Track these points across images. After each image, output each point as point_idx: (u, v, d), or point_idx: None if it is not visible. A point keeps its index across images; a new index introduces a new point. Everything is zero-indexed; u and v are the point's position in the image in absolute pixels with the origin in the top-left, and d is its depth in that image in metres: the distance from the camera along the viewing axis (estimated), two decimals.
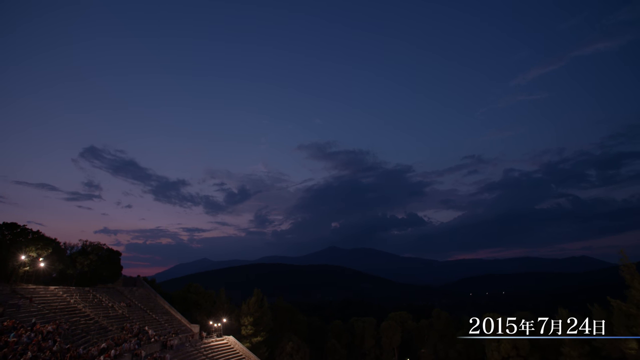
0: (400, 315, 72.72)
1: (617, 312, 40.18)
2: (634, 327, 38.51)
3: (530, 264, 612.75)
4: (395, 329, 67.02)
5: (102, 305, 38.12)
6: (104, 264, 43.30)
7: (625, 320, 39.26)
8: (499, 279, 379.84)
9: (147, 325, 37.82)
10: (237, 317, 57.65)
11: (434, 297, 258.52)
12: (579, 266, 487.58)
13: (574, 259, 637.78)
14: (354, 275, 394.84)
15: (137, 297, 45.89)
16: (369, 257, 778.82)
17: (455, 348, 64.22)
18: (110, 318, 35.60)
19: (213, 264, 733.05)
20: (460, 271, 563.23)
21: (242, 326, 56.56)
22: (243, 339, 52.78)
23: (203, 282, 69.63)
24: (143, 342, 32.59)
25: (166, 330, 40.18)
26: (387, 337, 66.84)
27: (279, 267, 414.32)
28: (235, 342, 47.26)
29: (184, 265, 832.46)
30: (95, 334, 30.33)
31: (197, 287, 59.63)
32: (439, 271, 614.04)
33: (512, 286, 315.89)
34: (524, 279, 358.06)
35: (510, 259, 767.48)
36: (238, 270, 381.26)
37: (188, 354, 37.81)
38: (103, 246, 44.92)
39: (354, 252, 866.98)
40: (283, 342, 59.59)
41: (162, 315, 44.44)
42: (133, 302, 43.16)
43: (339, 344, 69.41)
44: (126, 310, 39.34)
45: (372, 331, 69.35)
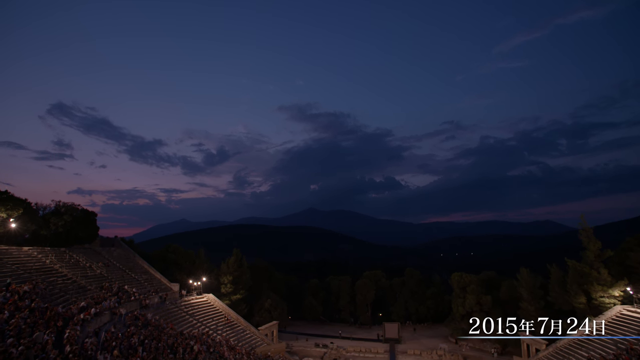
0: (374, 274, 76.28)
1: (572, 271, 43.70)
2: (585, 284, 42.16)
3: (498, 227, 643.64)
4: (369, 286, 70.53)
5: (80, 265, 38.02)
6: (80, 224, 42.58)
7: (578, 278, 42.83)
8: (469, 241, 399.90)
9: (126, 284, 38.23)
10: (217, 276, 58.98)
11: (407, 257, 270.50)
12: (543, 230, 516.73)
13: (539, 223, 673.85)
14: (332, 236, 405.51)
15: (115, 257, 45.88)
16: (346, 219, 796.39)
17: (425, 304, 68.56)
18: (88, 278, 35.69)
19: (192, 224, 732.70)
20: (433, 233, 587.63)
21: (222, 285, 58.05)
22: (223, 297, 54.41)
23: (182, 242, 69.92)
24: (123, 301, 33.12)
25: (146, 289, 40.80)
26: (361, 294, 70.40)
27: (258, 228, 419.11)
28: (215, 299, 48.66)
29: (162, 226, 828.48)
30: (74, 293, 30.49)
31: (176, 247, 59.99)
32: (414, 233, 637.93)
33: (482, 248, 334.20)
34: (492, 241, 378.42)
35: (480, 222, 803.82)
36: (217, 231, 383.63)
37: (169, 311, 38.83)
38: (77, 207, 43.94)
39: (332, 214, 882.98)
40: (262, 300, 61.88)
41: (141, 274, 44.87)
42: (111, 262, 43.21)
43: (316, 301, 72.74)
44: (104, 270, 39.45)
45: (348, 289, 72.73)
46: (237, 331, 44.38)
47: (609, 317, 37.03)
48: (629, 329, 33.71)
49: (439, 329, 63.05)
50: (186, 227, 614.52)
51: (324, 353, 50.70)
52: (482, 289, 54.61)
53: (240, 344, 40.93)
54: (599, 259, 41.74)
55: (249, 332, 45.89)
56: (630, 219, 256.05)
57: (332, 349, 51.62)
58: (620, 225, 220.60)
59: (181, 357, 27.11)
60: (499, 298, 54.77)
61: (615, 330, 34.72)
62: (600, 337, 35.14)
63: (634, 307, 36.33)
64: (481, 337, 54.81)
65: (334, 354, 50.06)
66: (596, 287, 41.02)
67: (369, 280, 72.52)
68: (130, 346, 23.63)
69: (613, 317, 36.78)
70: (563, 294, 44.96)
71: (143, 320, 30.94)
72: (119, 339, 23.72)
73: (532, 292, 48.31)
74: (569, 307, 45.07)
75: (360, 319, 71.11)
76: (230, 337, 41.30)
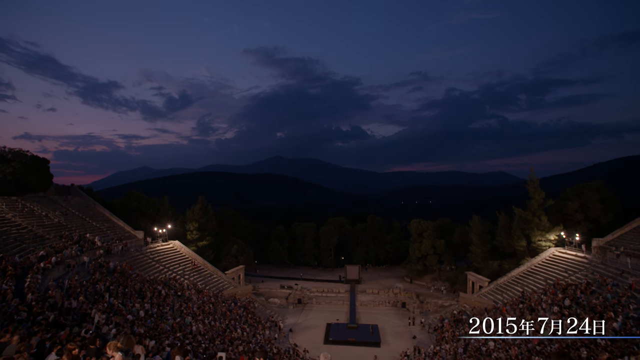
0: (338, 220, 79.40)
1: (517, 218, 47.84)
2: (527, 230, 46.60)
3: (457, 177, 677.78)
4: (333, 232, 73.65)
5: (35, 214, 36.49)
6: (31, 172, 39.97)
7: (522, 224, 47.07)
8: (429, 190, 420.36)
9: (87, 232, 37.43)
10: (182, 224, 58.88)
11: (370, 205, 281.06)
12: (496, 180, 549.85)
13: (493, 174, 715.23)
14: (298, 184, 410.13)
15: (73, 205, 44.24)
16: (312, 167, 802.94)
17: (384, 248, 73.01)
18: (45, 227, 34.51)
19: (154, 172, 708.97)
20: (395, 182, 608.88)
21: (188, 232, 58.24)
22: (189, 243, 54.88)
23: (144, 190, 68.02)
24: (85, 249, 32.65)
25: (109, 237, 40.24)
26: (325, 239, 73.58)
27: (223, 176, 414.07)
28: (181, 246, 49.09)
29: (123, 174, 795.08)
30: (31, 242, 29.57)
31: (138, 194, 58.48)
32: (377, 182, 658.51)
33: (439, 197, 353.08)
34: (450, 190, 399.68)
35: (440, 172, 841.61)
36: (181, 178, 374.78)
37: (134, 258, 38.91)
38: (27, 153, 40.92)
39: (298, 161, 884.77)
40: (228, 245, 63.15)
41: (103, 222, 43.93)
42: (69, 211, 41.74)
43: (281, 246, 75.29)
44: (63, 219, 38.18)
45: (312, 234, 75.55)
46: (204, 275, 45.64)
47: (543, 258, 41.66)
48: (558, 267, 38.29)
49: (396, 270, 68.17)
50: (148, 174, 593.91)
51: (288, 294, 53.80)
52: (437, 234, 58.83)
53: (208, 288, 42.38)
54: (541, 207, 45.86)
55: (216, 276, 47.36)
56: (573, 171, 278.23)
57: (297, 290, 54.78)
58: (564, 177, 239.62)
59: (149, 302, 27.84)
60: (452, 242, 59.51)
61: (547, 269, 39.32)
62: (533, 274, 39.77)
63: (565, 249, 40.96)
64: (432, 276, 60.31)
65: (298, 294, 53.26)
66: (536, 232, 45.52)
67: (332, 226, 75.57)
68: (96, 292, 23.85)
69: (547, 258, 41.42)
70: (507, 238, 49.56)
71: (107, 267, 30.95)
72: (83, 286, 23.79)
73: (481, 236, 52.77)
74: (512, 249, 50.06)
75: (324, 262, 75.00)
76: (198, 281, 42.53)
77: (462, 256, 61.69)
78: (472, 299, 42.34)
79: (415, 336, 38.72)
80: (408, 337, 38.95)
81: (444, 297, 51.17)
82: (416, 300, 50.12)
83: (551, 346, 22.02)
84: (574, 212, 45.88)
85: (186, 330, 25.50)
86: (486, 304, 38.54)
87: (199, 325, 28.44)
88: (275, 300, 52.00)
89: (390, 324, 43.20)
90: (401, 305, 49.46)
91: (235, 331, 31.49)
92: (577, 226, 44.57)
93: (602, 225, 44.16)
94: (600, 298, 26.50)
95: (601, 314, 23.93)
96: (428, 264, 58.36)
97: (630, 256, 32.06)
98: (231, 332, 30.48)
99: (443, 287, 55.08)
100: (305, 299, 52.40)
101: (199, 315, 31.37)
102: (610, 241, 37.55)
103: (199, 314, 31.61)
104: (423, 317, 44.77)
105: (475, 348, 27.12)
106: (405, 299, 50.78)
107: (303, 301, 51.92)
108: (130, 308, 24.18)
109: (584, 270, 34.62)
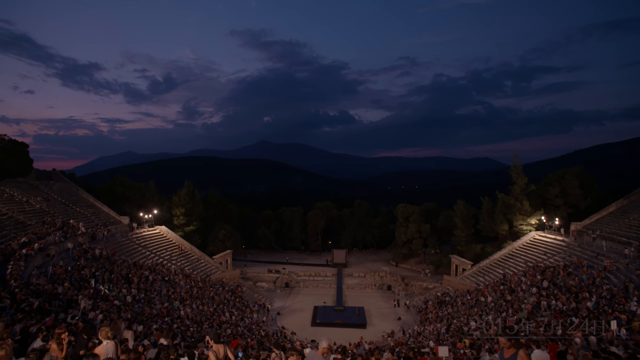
0: (325, 205, 79.86)
1: (500, 202, 48.98)
2: (509, 214, 47.83)
3: (443, 162, 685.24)
4: (320, 217, 74.17)
5: (15, 200, 35.55)
6: (9, 156, 38.74)
7: (504, 208, 48.26)
8: (415, 175, 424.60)
9: (71, 218, 36.77)
10: (169, 209, 58.30)
11: (357, 190, 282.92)
12: (481, 166, 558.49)
13: (478, 160, 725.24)
14: (285, 169, 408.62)
15: (55, 191, 43.22)
16: (299, 152, 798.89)
17: (371, 232, 74.05)
18: (27, 213, 33.72)
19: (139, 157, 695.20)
20: (382, 167, 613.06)
21: (174, 217, 57.77)
22: (176, 229, 54.50)
23: (129, 175, 66.80)
24: (69, 235, 32.14)
25: (93, 222, 39.64)
26: (312, 224, 74.08)
27: (209, 160, 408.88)
28: (167, 231, 48.75)
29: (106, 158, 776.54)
30: (12, 228, 28.90)
31: (123, 180, 57.42)
32: (364, 167, 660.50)
33: (426, 182, 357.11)
34: (436, 175, 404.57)
35: (427, 157, 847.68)
36: (167, 163, 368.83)
37: (120, 244, 38.52)
38: (4, 137, 39.58)
39: (285, 146, 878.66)
40: (215, 230, 63.04)
41: (87, 208, 43.14)
42: (52, 197, 40.78)
43: (269, 231, 75.55)
44: (45, 205, 37.33)
45: (299, 219, 75.92)
46: (191, 260, 45.61)
47: (524, 241, 42.99)
48: (538, 250, 39.61)
49: (382, 254, 69.38)
50: (133, 159, 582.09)
51: (276, 278, 54.34)
52: (423, 218, 59.90)
53: (195, 272, 42.44)
54: (523, 193, 47.06)
55: (204, 261, 47.39)
56: (556, 157, 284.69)
57: (284, 274, 55.36)
58: (547, 163, 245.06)
59: (136, 287, 27.79)
60: (437, 226, 60.72)
61: (527, 252, 40.64)
62: (514, 257, 41.08)
63: (545, 232, 42.31)
64: (417, 259, 61.64)
65: (285, 278, 53.85)
66: (518, 217, 46.82)
67: (320, 211, 76.06)
68: (82, 278, 23.66)
69: (527, 241, 42.75)
70: (490, 222, 50.80)
71: (93, 253, 30.60)
72: (68, 272, 23.54)
73: (465, 221, 53.94)
74: (494, 233, 51.40)
75: (311, 246, 75.70)
76: (185, 266, 42.50)
77: (446, 240, 63.11)
78: (455, 282, 43.59)
79: (400, 317, 39.81)
80: (393, 318, 40.02)
81: (429, 279, 52.50)
82: (401, 283, 51.30)
83: (529, 325, 22.98)
84: (555, 197, 47.25)
85: (174, 315, 25.64)
86: (469, 285, 39.76)
87: (187, 310, 28.61)
88: (263, 284, 52.50)
89: (376, 306, 44.23)
90: (387, 288, 50.58)
91: (223, 315, 31.80)
92: (557, 211, 45.96)
93: (581, 209, 45.67)
94: (577, 279, 27.65)
95: (577, 294, 25.01)
96: (413, 247, 59.54)
97: (605, 239, 33.38)
98: (219, 316, 30.77)
99: (427, 269, 56.42)
100: (293, 283, 53.05)
101: (187, 300, 31.51)
102: (587, 225, 38.95)
103: (186, 299, 31.75)
104: (408, 299, 45.96)
105: (457, 328, 28.09)
106: (390, 281, 51.91)
107: (291, 285, 52.57)
108: (117, 294, 24.11)
109: (562, 253, 35.92)
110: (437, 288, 46.35)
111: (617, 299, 21.35)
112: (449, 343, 21.83)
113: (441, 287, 45.56)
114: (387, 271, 55.61)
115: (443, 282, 46.03)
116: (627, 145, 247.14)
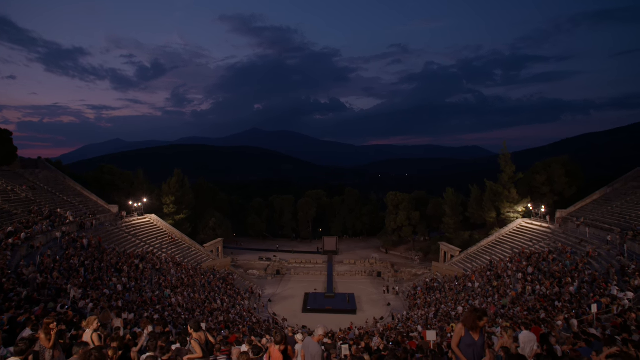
0: (316, 193, 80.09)
1: (488, 190, 49.72)
2: (497, 202, 48.63)
3: (433, 151, 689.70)
4: (310, 204, 74.43)
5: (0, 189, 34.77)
6: None
7: (492, 196, 49.00)
8: (405, 163, 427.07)
9: (58, 207, 36.18)
10: (158, 197, 57.77)
11: (347, 178, 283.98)
12: (470, 154, 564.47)
13: (467, 148, 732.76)
14: (276, 157, 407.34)
15: (41, 179, 42.36)
16: (290, 139, 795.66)
17: (361, 220, 74.65)
18: (12, 202, 33.06)
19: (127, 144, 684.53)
20: (373, 155, 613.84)
21: (164, 205, 57.33)
22: (166, 217, 54.17)
23: (117, 163, 65.77)
24: (57, 224, 31.68)
25: (82, 211, 39.09)
26: (303, 212, 74.35)
27: (199, 148, 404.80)
28: (157, 219, 48.41)
29: (94, 146, 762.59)
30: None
31: (111, 168, 56.44)
32: (355, 155, 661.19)
33: (416, 170, 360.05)
34: (426, 163, 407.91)
35: (417, 145, 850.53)
36: (156, 151, 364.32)
37: (109, 233, 38.19)
38: None
39: (275, 134, 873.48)
40: (206, 218, 62.83)
41: (74, 197, 42.47)
42: (38, 185, 39.99)
43: (260, 219, 75.62)
44: (31, 194, 36.63)
45: (290, 207, 76.11)
46: (182, 249, 45.50)
47: (511, 228, 43.86)
48: (524, 236, 40.49)
49: (372, 241, 70.15)
50: (121, 147, 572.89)
51: (267, 265, 54.65)
52: (412, 206, 60.53)
53: (186, 261, 42.41)
54: (511, 181, 47.85)
55: (195, 249, 47.34)
56: (543, 146, 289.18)
57: (275, 261, 55.69)
58: (535, 152, 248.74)
59: (127, 276, 27.69)
60: (426, 214, 61.50)
61: (514, 238, 41.52)
62: (501, 243, 41.95)
63: (531, 220, 43.20)
64: (407, 246, 62.51)
65: (276, 265, 54.21)
66: (505, 204, 47.66)
67: (310, 199, 76.28)
68: (71, 268, 23.47)
69: (514, 228, 43.63)
70: (479, 210, 51.64)
71: (81, 242, 30.30)
72: (57, 262, 23.32)
73: (454, 208, 54.73)
74: (482, 221, 52.33)
75: (302, 234, 76.09)
76: (176, 254, 42.40)
77: (435, 227, 64.03)
78: (443, 268, 44.42)
79: (389, 303, 40.54)
80: (383, 304, 40.75)
81: (418, 266, 53.40)
82: (391, 270, 52.08)
83: (514, 310, 23.67)
84: (541, 185, 48.13)
85: (165, 303, 25.70)
86: (456, 272, 40.58)
87: (178, 298, 28.68)
88: (254, 272, 52.78)
89: (366, 292, 44.92)
90: (377, 274, 51.31)
91: (214, 302, 31.98)
92: (543, 198, 46.90)
93: (567, 197, 46.69)
94: (560, 265, 28.44)
95: (560, 279, 25.77)
96: (403, 235, 60.29)
97: (589, 226, 34.28)
98: (211, 304, 30.94)
99: (416, 256, 57.30)
100: (284, 270, 53.45)
101: (178, 288, 31.56)
102: (572, 212, 39.87)
103: (177, 287, 31.79)
104: (397, 285, 46.74)
105: (445, 313, 28.78)
106: (380, 268, 52.66)
107: (282, 272, 52.96)
108: (107, 282, 24.02)
109: (547, 240, 36.81)
110: (425, 274, 47.18)
111: (598, 284, 22.08)
112: (437, 327, 22.40)
113: (430, 273, 46.38)
114: (377, 258, 56.33)
115: (432, 268, 46.84)
116: (611, 134, 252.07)
